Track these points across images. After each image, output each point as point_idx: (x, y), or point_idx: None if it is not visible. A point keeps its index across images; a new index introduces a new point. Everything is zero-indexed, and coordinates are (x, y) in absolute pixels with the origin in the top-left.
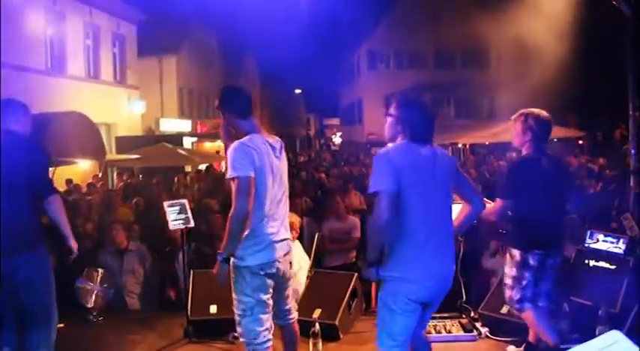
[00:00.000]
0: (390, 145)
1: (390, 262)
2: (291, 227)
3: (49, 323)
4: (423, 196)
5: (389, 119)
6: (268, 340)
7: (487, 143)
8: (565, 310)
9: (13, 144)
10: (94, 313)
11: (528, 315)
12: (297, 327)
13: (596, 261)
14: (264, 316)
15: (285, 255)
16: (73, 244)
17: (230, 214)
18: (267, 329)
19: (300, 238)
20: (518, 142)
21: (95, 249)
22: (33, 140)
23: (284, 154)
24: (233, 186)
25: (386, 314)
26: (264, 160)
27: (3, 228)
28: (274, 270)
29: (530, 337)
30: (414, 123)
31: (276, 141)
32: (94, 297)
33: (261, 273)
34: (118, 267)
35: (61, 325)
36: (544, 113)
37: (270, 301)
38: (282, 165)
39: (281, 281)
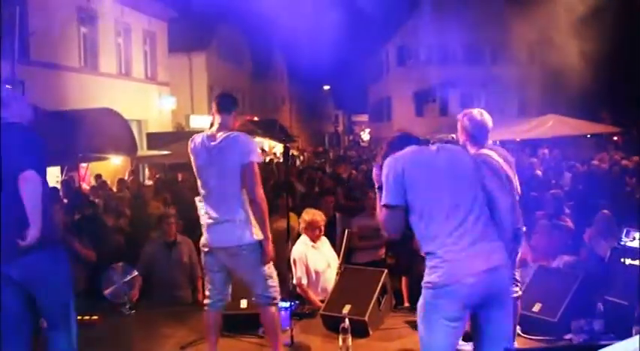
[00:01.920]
0: None
1: (432, 267)
2: (316, 225)
3: (69, 322)
4: (435, 197)
5: None
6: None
7: (518, 140)
8: (599, 309)
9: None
10: (127, 306)
11: None
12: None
13: (632, 259)
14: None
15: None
16: (35, 233)
17: None
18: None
19: (333, 235)
20: (460, 140)
21: (129, 244)
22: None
23: (226, 149)
24: None
25: None
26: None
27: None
28: (206, 249)
29: None
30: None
31: (215, 136)
32: (111, 289)
33: (204, 250)
34: (166, 259)
35: (95, 317)
36: (479, 114)
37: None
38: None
39: (225, 262)
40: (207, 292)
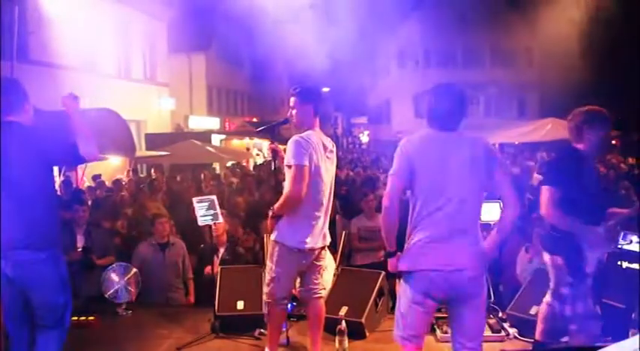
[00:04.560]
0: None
1: (403, 252)
2: None
3: (58, 327)
4: (434, 185)
5: None
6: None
7: (516, 143)
8: (597, 312)
9: (21, 137)
10: (123, 307)
11: None
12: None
13: (630, 263)
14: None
15: None
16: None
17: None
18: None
19: (333, 237)
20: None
21: (125, 244)
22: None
23: (334, 153)
24: (289, 172)
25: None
26: (317, 155)
27: (3, 223)
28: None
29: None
30: (434, 111)
31: (328, 142)
32: (114, 289)
33: (303, 249)
34: (160, 260)
35: (92, 317)
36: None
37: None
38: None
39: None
40: (282, 293)
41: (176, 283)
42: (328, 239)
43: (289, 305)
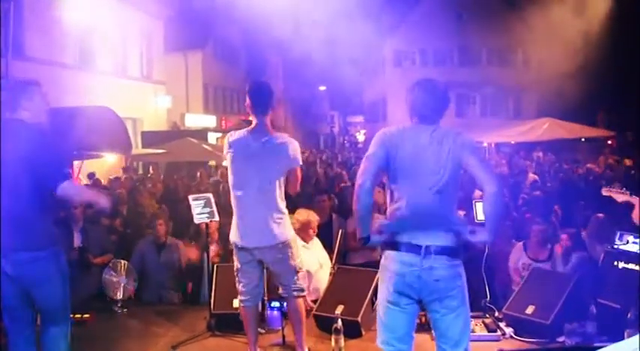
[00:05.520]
0: None
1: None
2: (309, 226)
3: (65, 319)
4: (407, 177)
5: None
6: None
7: (513, 142)
8: (592, 312)
9: (18, 134)
10: (119, 305)
11: None
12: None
13: (626, 263)
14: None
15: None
16: (104, 203)
17: None
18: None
19: (329, 236)
20: None
21: (122, 242)
22: (42, 129)
23: (271, 149)
24: None
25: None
26: (239, 154)
27: (3, 225)
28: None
29: None
30: (412, 105)
31: (261, 136)
32: (121, 289)
33: (238, 246)
34: (154, 259)
35: (87, 315)
36: None
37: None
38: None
39: (262, 258)
40: (242, 289)
41: (171, 283)
42: (275, 239)
43: (282, 304)
